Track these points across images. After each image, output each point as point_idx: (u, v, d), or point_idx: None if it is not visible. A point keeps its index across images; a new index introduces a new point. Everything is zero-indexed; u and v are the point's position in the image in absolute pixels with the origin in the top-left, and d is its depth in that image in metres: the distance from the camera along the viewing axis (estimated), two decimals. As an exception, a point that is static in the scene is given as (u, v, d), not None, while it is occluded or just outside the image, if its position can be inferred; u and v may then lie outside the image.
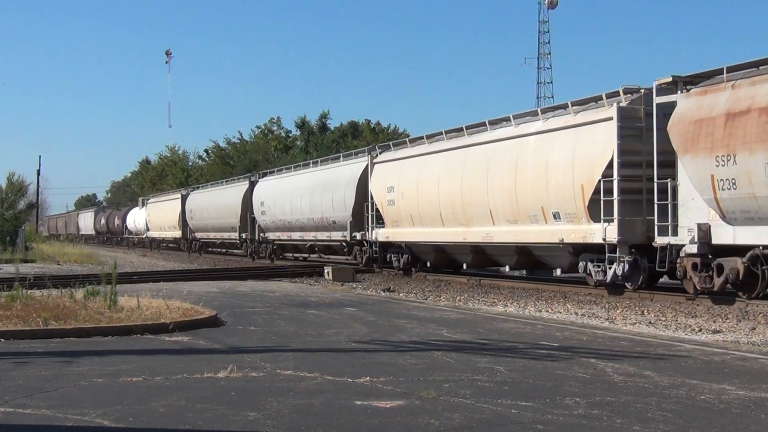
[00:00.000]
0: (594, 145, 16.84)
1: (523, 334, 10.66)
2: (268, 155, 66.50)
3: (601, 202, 16.37)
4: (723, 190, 13.79)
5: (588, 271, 17.41)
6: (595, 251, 17.04)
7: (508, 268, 20.92)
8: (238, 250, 40.56)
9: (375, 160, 26.30)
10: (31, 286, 15.23)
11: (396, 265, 25.18)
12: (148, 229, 57.49)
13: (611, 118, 16.31)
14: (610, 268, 16.43)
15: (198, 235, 46.31)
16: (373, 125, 68.17)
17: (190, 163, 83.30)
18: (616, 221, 16.12)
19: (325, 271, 23.78)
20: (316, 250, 31.92)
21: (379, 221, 25.64)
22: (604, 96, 17.10)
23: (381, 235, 25.51)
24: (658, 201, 15.46)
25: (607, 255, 16.51)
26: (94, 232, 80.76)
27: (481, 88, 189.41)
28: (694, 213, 14.73)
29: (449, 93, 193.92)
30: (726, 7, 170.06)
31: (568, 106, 18.35)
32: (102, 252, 49.75)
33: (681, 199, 15.03)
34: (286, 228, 33.39)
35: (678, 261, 15.15)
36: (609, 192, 16.28)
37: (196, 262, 37.14)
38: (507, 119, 20.40)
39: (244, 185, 38.70)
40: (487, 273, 22.81)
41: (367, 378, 7.31)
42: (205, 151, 77.41)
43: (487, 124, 21.10)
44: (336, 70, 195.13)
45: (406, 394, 6.64)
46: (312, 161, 34.55)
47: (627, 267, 16.11)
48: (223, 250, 44.85)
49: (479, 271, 23.36)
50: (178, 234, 49.26)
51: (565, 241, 17.64)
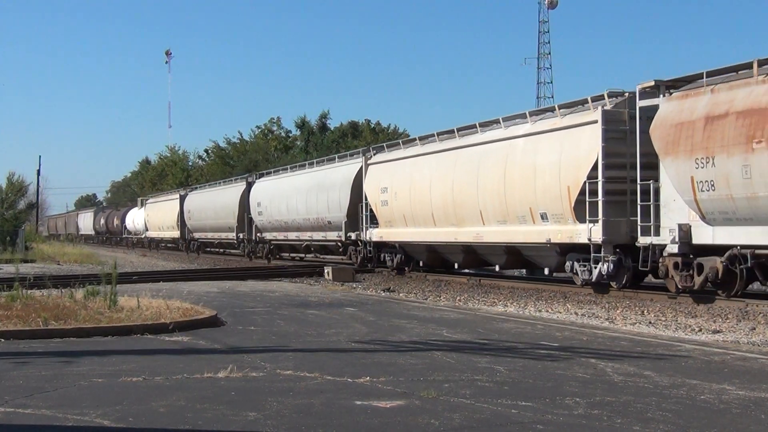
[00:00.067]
0: (580, 147, 16.73)
1: (523, 334, 10.42)
2: (268, 155, 65.28)
3: (587, 203, 16.27)
4: (702, 191, 13.76)
5: (574, 271, 17.28)
6: (581, 251, 16.91)
7: (498, 268, 20.74)
8: (236, 250, 40.25)
9: (369, 161, 26.10)
10: (31, 286, 14.90)
11: (389, 264, 24.97)
12: (147, 230, 57.01)
13: (596, 121, 16.20)
14: (596, 268, 16.31)
15: (196, 235, 45.97)
16: (373, 125, 66.94)
17: (190, 163, 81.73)
18: (600, 222, 16.01)
19: (325, 271, 23.39)
20: (312, 250, 31.70)
21: (374, 221, 25.43)
22: (590, 99, 17.05)
23: (375, 235, 25.29)
24: (641, 202, 15.38)
25: (592, 255, 16.38)
26: (93, 232, 79.94)
27: (481, 88, 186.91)
28: (675, 214, 14.67)
29: (449, 93, 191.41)
30: (726, 7, 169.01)
31: (556, 109, 18.31)
32: (102, 252, 49.31)
33: (663, 200, 14.96)
34: (282, 228, 33.14)
35: (660, 260, 15.07)
36: (594, 193, 16.18)
37: (196, 262, 36.80)
38: (497, 121, 20.27)
39: (242, 186, 38.40)
40: (487, 273, 22.30)
41: (367, 378, 7.12)
42: (205, 151, 76.25)
43: (478, 126, 20.96)
44: (336, 70, 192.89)
45: (406, 394, 6.46)
46: (308, 162, 34.30)
47: (612, 266, 16.00)
48: (221, 250, 44.51)
49: (479, 271, 23.10)
50: (176, 234, 48.85)
51: (552, 241, 17.52)
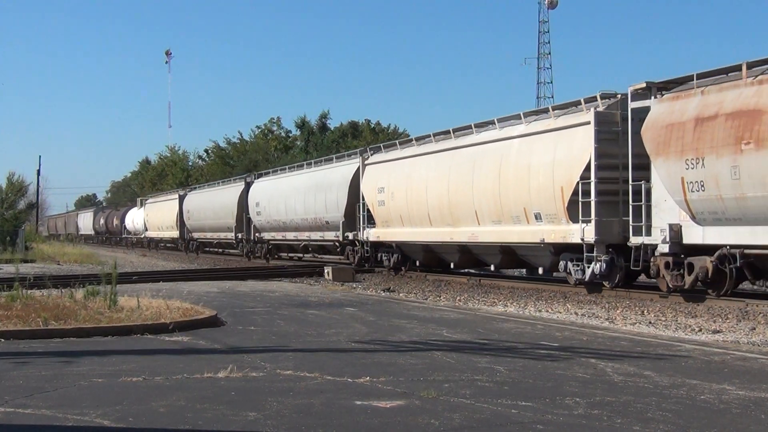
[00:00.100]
0: (573, 148, 16.68)
1: (523, 334, 10.26)
2: (268, 155, 64.48)
3: (580, 204, 16.21)
4: (692, 192, 13.75)
5: (568, 270, 17.20)
6: (575, 251, 16.84)
7: (493, 267, 20.64)
8: (234, 250, 40.08)
9: (366, 162, 25.96)
10: (31, 286, 14.66)
11: (386, 264, 24.83)
12: (147, 229, 56.67)
13: (589, 123, 16.16)
14: (589, 267, 16.24)
15: (195, 235, 45.74)
16: (373, 125, 66.07)
17: (190, 163, 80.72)
18: (593, 222, 15.95)
19: (325, 271, 23.12)
20: (310, 249, 31.55)
21: (371, 221, 25.28)
22: (583, 101, 17.05)
23: (372, 235, 25.15)
24: (633, 202, 15.33)
25: (585, 254, 16.31)
26: (93, 232, 79.24)
27: (481, 88, 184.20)
28: (666, 214, 14.63)
29: (449, 93, 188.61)
30: (727, 7, 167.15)
31: (550, 111, 18.25)
32: (102, 252, 48.91)
33: (654, 201, 14.93)
34: (280, 228, 32.97)
35: (652, 260, 15.03)
36: (587, 194, 16.12)
37: (196, 262, 36.48)
38: (492, 122, 20.20)
39: (240, 186, 38.21)
40: (488, 273, 22.07)
41: (367, 378, 6.99)
42: (205, 151, 75.30)
43: (473, 127, 20.87)
44: (336, 70, 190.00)
45: (406, 394, 6.34)
46: (306, 162, 34.14)
47: (604, 266, 15.94)
48: (220, 250, 44.32)
49: (480, 271, 22.94)
50: (175, 234, 48.58)
51: (545, 240, 17.43)
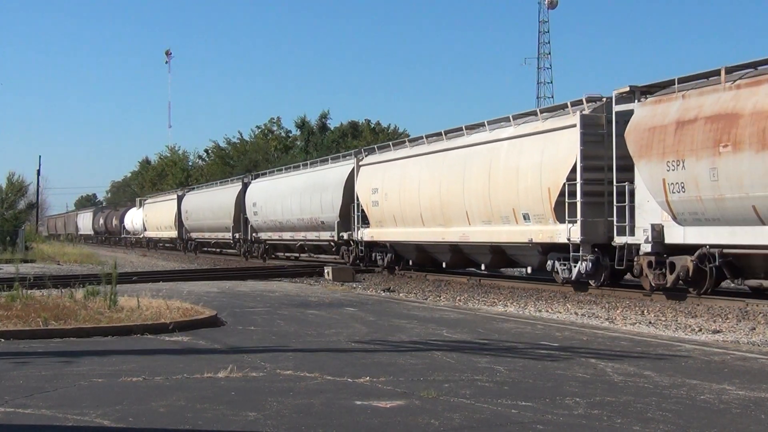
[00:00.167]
0: (559, 150, 16.58)
1: (523, 334, 10.01)
2: (268, 155, 63.27)
3: (566, 204, 16.11)
4: (673, 193, 13.70)
5: (555, 270, 17.06)
6: (562, 250, 16.70)
7: (483, 267, 20.45)
8: (232, 250, 39.76)
9: (361, 163, 25.75)
10: (31, 286, 14.28)
11: (380, 263, 24.60)
12: (145, 229, 56.13)
13: (575, 125, 16.06)
14: (575, 267, 16.11)
15: (193, 235, 45.33)
16: (373, 125, 64.89)
17: (190, 163, 79.12)
18: (579, 222, 15.82)
19: (325, 271, 22.71)
20: (306, 249, 31.29)
21: (365, 222, 25.05)
22: (569, 104, 17.01)
23: (366, 234, 24.92)
24: (617, 203, 15.25)
25: (571, 254, 16.18)
26: (92, 232, 78.27)
27: (481, 88, 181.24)
28: (648, 214, 14.56)
29: (449, 93, 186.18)
30: (727, 7, 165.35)
31: (538, 113, 18.15)
32: (101, 252, 48.31)
33: (637, 202, 14.85)
34: (277, 228, 32.70)
35: (635, 259, 14.94)
36: (573, 194, 16.01)
37: (196, 262, 36.03)
38: (482, 125, 20.05)
39: (238, 186, 37.88)
40: (487, 273, 21.49)
41: (367, 378, 6.77)
42: (205, 151, 73.79)
43: (464, 129, 20.72)
44: (336, 70, 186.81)
45: (406, 394, 6.13)
46: (302, 163, 33.89)
47: (590, 265, 15.79)
48: (218, 250, 43.99)
49: (480, 271, 22.61)
50: (174, 234, 48.12)
51: (533, 240, 17.30)
